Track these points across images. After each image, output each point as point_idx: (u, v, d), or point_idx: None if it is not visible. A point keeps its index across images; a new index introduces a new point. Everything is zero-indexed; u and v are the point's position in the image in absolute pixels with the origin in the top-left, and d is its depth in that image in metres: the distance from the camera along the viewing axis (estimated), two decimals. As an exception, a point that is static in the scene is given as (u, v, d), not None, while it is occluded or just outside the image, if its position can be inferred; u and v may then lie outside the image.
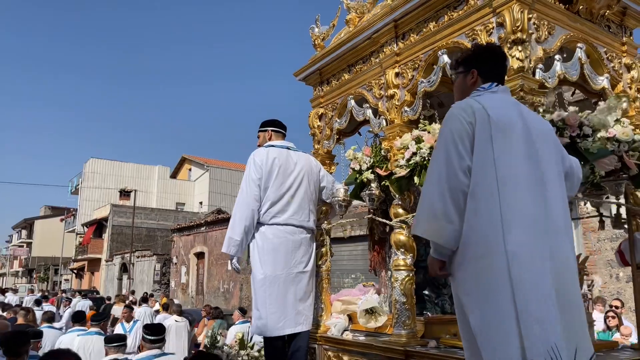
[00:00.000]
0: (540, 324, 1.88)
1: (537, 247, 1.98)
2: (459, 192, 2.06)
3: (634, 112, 3.17)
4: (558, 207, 2.10)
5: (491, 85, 2.26)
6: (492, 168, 2.04)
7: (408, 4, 3.20)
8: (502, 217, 1.98)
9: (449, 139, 2.11)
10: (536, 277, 1.94)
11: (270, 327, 3.34)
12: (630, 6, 3.21)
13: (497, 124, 2.08)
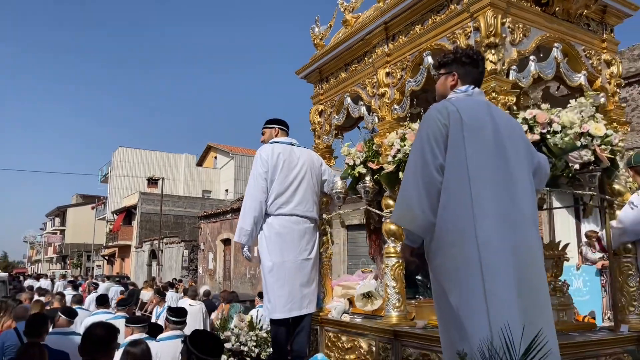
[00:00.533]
0: (503, 304, 2.14)
1: (504, 238, 2.22)
2: (432, 188, 2.30)
3: (612, 107, 3.35)
4: (525, 201, 2.34)
5: (467, 88, 2.48)
6: (464, 166, 2.28)
7: (396, 8, 3.43)
8: (473, 210, 2.23)
9: (425, 139, 2.36)
10: (502, 263, 2.18)
11: (278, 310, 3.65)
12: (610, 4, 3.37)
13: (469, 126, 2.31)
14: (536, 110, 2.91)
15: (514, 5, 2.98)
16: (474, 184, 2.25)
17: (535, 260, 2.32)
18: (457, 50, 2.63)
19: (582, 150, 2.97)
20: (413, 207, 2.33)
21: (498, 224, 2.22)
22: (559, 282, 3.20)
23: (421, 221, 2.32)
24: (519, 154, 2.39)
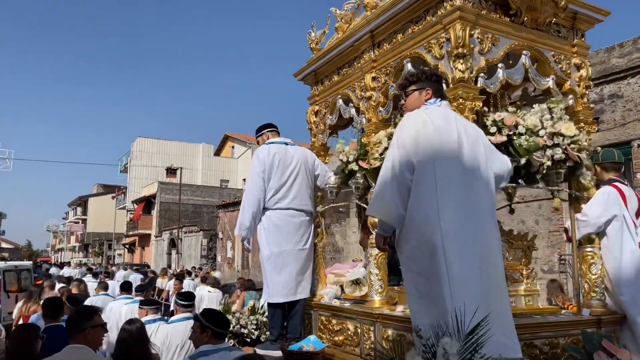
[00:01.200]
0: (462, 285, 2.48)
1: (464, 228, 2.56)
2: (403, 185, 2.67)
3: (580, 108, 3.63)
4: (484, 197, 2.68)
5: (437, 101, 2.85)
6: (432, 166, 2.63)
7: (380, 17, 3.73)
8: (438, 204, 2.58)
9: (400, 143, 2.73)
10: (462, 250, 2.53)
11: (275, 295, 4.04)
12: (580, 12, 3.64)
13: (438, 131, 2.68)
14: (504, 114, 3.22)
15: (483, 17, 3.27)
16: (439, 182, 2.60)
17: (493, 247, 2.66)
18: (424, 70, 3.00)
19: (554, 149, 3.28)
20: (386, 201, 2.70)
21: (459, 217, 2.57)
22: (528, 270, 3.52)
23: (393, 213, 2.68)
24: (480, 157, 2.72)
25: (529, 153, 3.12)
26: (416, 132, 2.67)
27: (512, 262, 3.50)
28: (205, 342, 3.22)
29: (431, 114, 2.73)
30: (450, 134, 2.66)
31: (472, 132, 2.78)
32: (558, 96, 3.53)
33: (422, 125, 2.67)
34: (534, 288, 3.49)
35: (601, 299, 3.43)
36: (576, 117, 3.59)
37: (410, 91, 2.98)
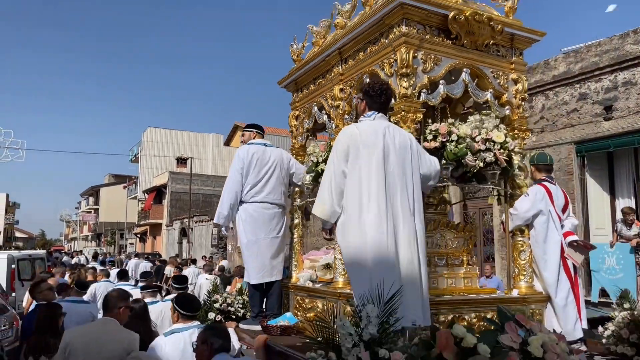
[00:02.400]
0: (378, 266, 3.14)
1: (383, 224, 3.22)
2: (338, 189, 3.34)
3: (516, 117, 4.26)
4: (409, 195, 3.32)
5: (372, 114, 3.49)
6: (358, 172, 3.30)
7: (346, 37, 4.38)
8: (360, 204, 3.25)
9: (335, 153, 3.40)
10: (380, 240, 3.18)
11: (253, 277, 4.73)
12: (517, 34, 4.25)
13: (364, 142, 3.33)
14: (440, 124, 3.85)
15: (427, 40, 3.90)
16: (363, 185, 3.27)
17: (409, 243, 3.29)
18: (368, 84, 3.63)
19: (486, 153, 3.91)
20: (324, 203, 3.37)
21: (380, 213, 3.22)
22: (468, 257, 4.17)
23: (329, 212, 3.36)
24: (407, 162, 3.37)
25: (457, 157, 3.76)
26: (347, 144, 3.34)
27: (455, 249, 4.15)
28: (176, 322, 3.93)
29: (361, 128, 3.39)
30: (376, 145, 3.30)
31: (401, 140, 3.41)
32: (496, 107, 4.15)
33: (352, 139, 3.34)
34: (473, 272, 4.15)
35: (528, 282, 4.08)
36: (512, 126, 4.22)
37: (359, 100, 3.65)
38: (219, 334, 3.45)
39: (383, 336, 2.82)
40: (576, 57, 11.20)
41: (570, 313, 3.96)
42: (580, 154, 11.05)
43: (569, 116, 11.31)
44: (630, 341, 3.53)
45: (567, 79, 11.27)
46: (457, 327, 2.87)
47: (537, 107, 12.06)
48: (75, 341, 3.66)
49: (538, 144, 11.76)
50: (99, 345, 3.65)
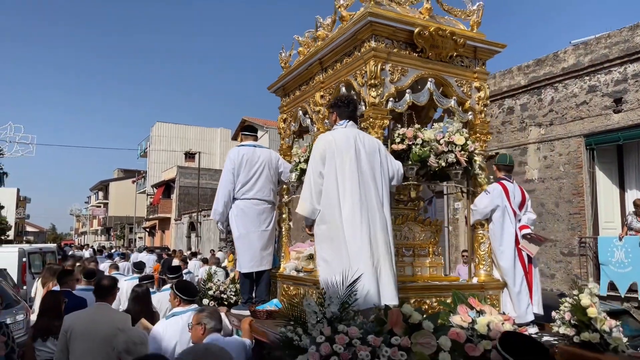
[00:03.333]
0: (355, 255, 3.65)
1: (357, 218, 3.73)
2: (316, 188, 3.85)
3: (478, 122, 4.74)
4: (377, 192, 3.83)
5: (344, 122, 4.01)
6: (334, 173, 3.81)
7: (326, 49, 4.88)
8: (339, 200, 3.76)
9: (313, 158, 3.92)
10: (355, 233, 3.69)
11: (244, 267, 5.26)
12: (479, 46, 4.72)
13: (338, 147, 3.84)
14: (407, 129, 4.34)
15: (395, 54, 4.39)
16: (340, 184, 3.78)
17: (383, 230, 3.80)
18: (335, 98, 4.14)
19: (449, 154, 4.41)
20: (306, 202, 3.89)
21: (354, 209, 3.73)
22: (434, 247, 4.67)
23: (310, 210, 3.87)
24: (375, 164, 3.88)
25: (422, 159, 4.26)
26: (324, 150, 3.85)
27: (422, 241, 4.65)
28: (177, 306, 4.48)
29: (335, 135, 3.90)
30: (349, 150, 3.82)
31: (370, 145, 3.93)
32: (459, 113, 4.63)
33: (328, 145, 3.85)
34: (438, 261, 4.65)
35: (487, 270, 4.58)
36: (474, 130, 4.71)
37: (330, 113, 4.17)
38: (211, 316, 3.99)
39: (343, 314, 3.34)
40: (586, 49, 11.18)
41: (523, 298, 4.45)
42: (590, 147, 11.05)
43: (579, 109, 11.28)
44: (571, 323, 4.02)
45: (577, 72, 11.28)
46: (405, 306, 3.39)
47: (546, 100, 12.07)
48: (75, 324, 4.26)
49: (547, 137, 11.96)
50: (94, 326, 4.25)
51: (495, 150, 12.89)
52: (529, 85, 12.43)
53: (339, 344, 3.14)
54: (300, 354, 3.28)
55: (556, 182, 11.73)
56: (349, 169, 3.79)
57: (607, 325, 3.95)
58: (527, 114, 12.56)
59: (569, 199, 11.42)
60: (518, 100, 12.83)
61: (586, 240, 10.96)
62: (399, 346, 3.13)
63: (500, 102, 13.25)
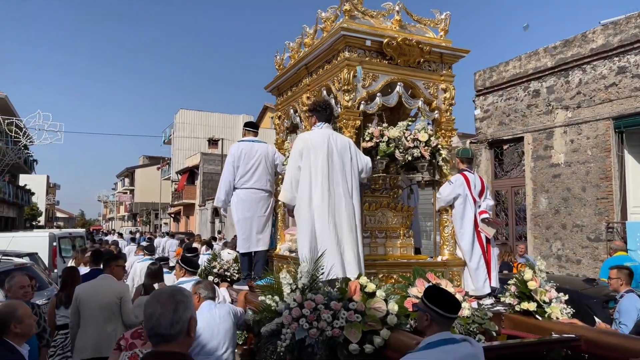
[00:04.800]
0: (321, 235, 4.43)
1: (325, 204, 4.50)
2: (295, 179, 4.63)
3: (444, 119, 5.43)
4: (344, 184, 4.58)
5: (320, 124, 4.76)
6: (308, 167, 4.58)
7: (310, 56, 5.62)
8: (311, 190, 4.54)
9: (293, 153, 4.69)
10: (322, 217, 4.47)
11: (242, 247, 6.09)
12: (445, 52, 5.40)
13: (314, 145, 4.61)
14: (374, 129, 5.06)
15: (366, 62, 5.10)
16: (313, 176, 4.55)
17: (348, 215, 4.56)
18: (314, 103, 4.90)
19: (414, 149, 5.12)
20: (287, 190, 4.67)
21: (323, 197, 4.50)
22: (405, 230, 5.41)
23: (289, 197, 4.66)
24: (346, 159, 4.63)
25: (387, 155, 4.99)
26: (301, 147, 4.62)
27: (394, 225, 5.39)
28: (182, 276, 5.34)
29: (312, 135, 4.67)
30: (322, 148, 4.58)
31: (342, 143, 4.68)
32: (426, 112, 5.33)
33: (305, 144, 4.61)
34: (408, 242, 5.39)
35: (451, 250, 5.31)
36: (440, 127, 5.40)
37: (309, 116, 4.93)
38: (205, 287, 4.83)
39: (313, 284, 4.13)
40: (615, 29, 10.93)
41: (481, 275, 5.16)
42: (619, 130, 10.85)
43: (607, 91, 11.04)
44: (514, 294, 4.74)
45: (606, 52, 11.09)
46: (363, 278, 4.18)
47: (573, 82, 11.89)
48: (82, 293, 5.30)
49: (574, 120, 11.81)
50: (98, 294, 5.27)
51: (521, 135, 13.10)
52: (556, 67, 12.26)
53: (307, 309, 3.94)
54: (276, 317, 4.10)
55: (583, 166, 11.57)
56: (321, 164, 4.55)
57: (547, 296, 4.67)
58: (553, 96, 12.37)
59: (597, 184, 11.25)
60: (544, 83, 12.65)
61: (614, 226, 10.82)
62: (355, 310, 3.92)
63: (525, 85, 13.18)
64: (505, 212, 14.05)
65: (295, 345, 3.87)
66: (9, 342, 3.54)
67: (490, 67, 14.33)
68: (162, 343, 2.11)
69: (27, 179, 43.62)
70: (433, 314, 2.87)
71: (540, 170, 12.65)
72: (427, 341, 2.88)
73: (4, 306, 3.71)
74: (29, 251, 12.23)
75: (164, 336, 2.10)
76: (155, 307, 2.12)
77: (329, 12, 5.48)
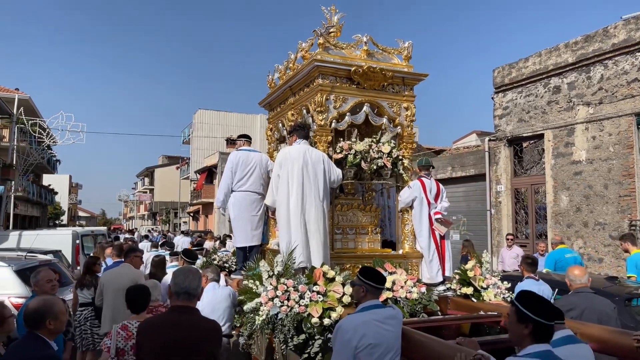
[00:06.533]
0: (294, 232, 5.56)
1: (298, 207, 5.62)
2: (276, 186, 5.77)
3: (406, 134, 6.50)
4: (317, 190, 5.68)
5: (299, 141, 5.87)
6: (286, 176, 5.71)
7: (293, 79, 6.73)
8: (288, 195, 5.67)
9: (275, 164, 5.84)
10: (295, 218, 5.59)
11: (238, 242, 7.25)
12: (406, 76, 6.47)
13: (291, 158, 5.73)
14: (344, 143, 6.16)
15: (337, 87, 6.20)
16: (290, 183, 5.67)
17: (317, 216, 5.65)
18: (295, 124, 6.02)
19: (378, 160, 6.21)
20: (269, 195, 5.82)
21: (297, 200, 5.62)
22: (373, 227, 6.49)
23: (270, 200, 5.80)
24: (319, 170, 5.74)
25: (354, 166, 6.08)
26: (282, 159, 5.74)
27: (363, 223, 6.48)
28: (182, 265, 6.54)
29: (291, 149, 5.78)
30: (299, 160, 5.68)
31: (316, 157, 5.78)
32: (390, 128, 6.41)
33: (284, 156, 5.73)
34: (376, 238, 6.47)
35: (410, 244, 6.38)
36: (402, 140, 6.47)
37: (290, 135, 6.05)
38: (212, 271, 6.05)
39: (286, 272, 5.26)
40: (637, 23, 11.01)
41: (435, 265, 6.23)
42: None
43: (630, 86, 11.07)
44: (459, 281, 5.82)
45: (628, 47, 11.12)
46: (325, 266, 5.29)
47: (595, 78, 11.85)
48: (105, 278, 6.62)
49: (596, 116, 11.78)
50: (117, 279, 6.49)
51: (541, 132, 13.24)
52: (577, 63, 12.26)
53: (280, 291, 5.06)
54: (256, 297, 5.23)
55: (605, 163, 11.57)
56: (297, 173, 5.67)
57: (485, 283, 5.74)
58: (574, 92, 12.37)
59: (619, 181, 11.25)
60: (565, 79, 12.67)
61: (637, 223, 10.82)
62: (317, 292, 5.03)
63: (546, 81, 13.19)
64: (525, 210, 14.11)
65: (270, 319, 5.00)
66: (44, 337, 3.52)
67: (509, 63, 14.36)
68: (188, 299, 3.40)
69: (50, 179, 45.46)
70: (367, 286, 3.93)
71: (561, 167, 12.70)
72: (362, 306, 3.95)
73: (42, 302, 3.70)
74: (53, 248, 12.98)
75: (190, 294, 3.43)
76: (187, 276, 3.45)
77: (307, 43, 6.60)
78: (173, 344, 3.21)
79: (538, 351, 2.68)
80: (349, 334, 3.62)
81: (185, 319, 3.33)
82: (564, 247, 9.31)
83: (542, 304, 2.82)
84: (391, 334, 3.74)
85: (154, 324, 3.45)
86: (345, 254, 6.14)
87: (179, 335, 3.24)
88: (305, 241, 5.55)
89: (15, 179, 26.71)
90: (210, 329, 3.43)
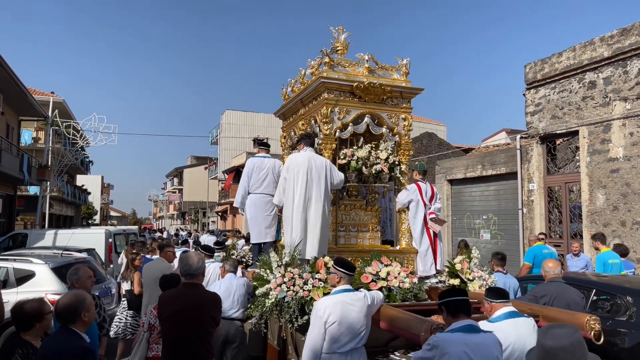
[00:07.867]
0: (297, 228, 6.44)
1: (301, 206, 6.49)
2: (283, 188, 6.67)
3: (403, 142, 7.31)
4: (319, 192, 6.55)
5: (305, 149, 6.75)
6: (292, 179, 6.60)
7: (303, 93, 7.61)
8: (293, 195, 6.56)
9: (284, 167, 6.72)
10: (298, 216, 6.47)
11: (254, 239, 8.18)
12: (404, 91, 7.28)
13: (298, 163, 6.61)
14: (348, 150, 7.01)
15: (341, 100, 7.05)
16: (295, 186, 6.56)
17: (317, 215, 6.51)
18: (302, 134, 6.90)
19: (376, 165, 7.04)
20: (278, 195, 6.72)
21: (300, 201, 6.49)
22: (374, 225, 7.33)
23: (278, 200, 6.71)
24: (322, 175, 6.60)
25: (356, 170, 6.93)
26: (289, 164, 6.63)
27: (365, 221, 7.33)
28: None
29: (298, 156, 6.66)
30: (304, 165, 6.55)
31: (320, 163, 6.64)
32: (388, 137, 7.24)
33: (291, 161, 6.61)
34: (376, 235, 7.31)
35: (407, 241, 7.20)
36: (400, 147, 7.30)
37: (298, 143, 6.94)
38: (230, 264, 6.99)
39: (292, 262, 6.15)
40: None
41: (428, 260, 7.03)
42: None
43: None
44: (448, 273, 6.62)
45: None
46: (326, 257, 6.16)
47: (632, 72, 11.51)
48: (145, 269, 7.60)
49: (634, 111, 11.51)
50: (152, 270, 7.54)
51: (575, 128, 12.89)
52: (613, 57, 11.92)
53: (286, 277, 5.95)
54: (267, 284, 6.13)
55: None
56: (301, 177, 6.54)
57: (471, 275, 6.54)
58: (610, 87, 12.00)
59: None
60: (601, 74, 12.29)
61: None
62: (319, 279, 5.90)
63: (580, 77, 12.87)
64: (559, 209, 13.81)
65: (278, 302, 5.89)
66: (78, 331, 3.67)
67: (542, 59, 14.02)
68: (191, 277, 4.41)
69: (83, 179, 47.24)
70: (342, 274, 4.82)
71: (597, 165, 12.30)
72: (336, 290, 4.84)
73: (74, 296, 3.83)
74: (87, 247, 13.83)
75: (191, 274, 4.45)
76: (187, 260, 4.49)
77: (316, 61, 7.47)
78: (182, 310, 4.31)
79: (461, 326, 3.55)
80: (320, 311, 4.57)
81: (190, 292, 4.44)
82: (540, 244, 10.36)
83: (448, 291, 3.88)
84: (357, 313, 4.65)
85: (168, 297, 4.51)
86: (348, 249, 6.98)
87: (186, 303, 4.35)
88: (304, 235, 6.41)
89: (51, 180, 28.00)
90: (210, 299, 4.50)
